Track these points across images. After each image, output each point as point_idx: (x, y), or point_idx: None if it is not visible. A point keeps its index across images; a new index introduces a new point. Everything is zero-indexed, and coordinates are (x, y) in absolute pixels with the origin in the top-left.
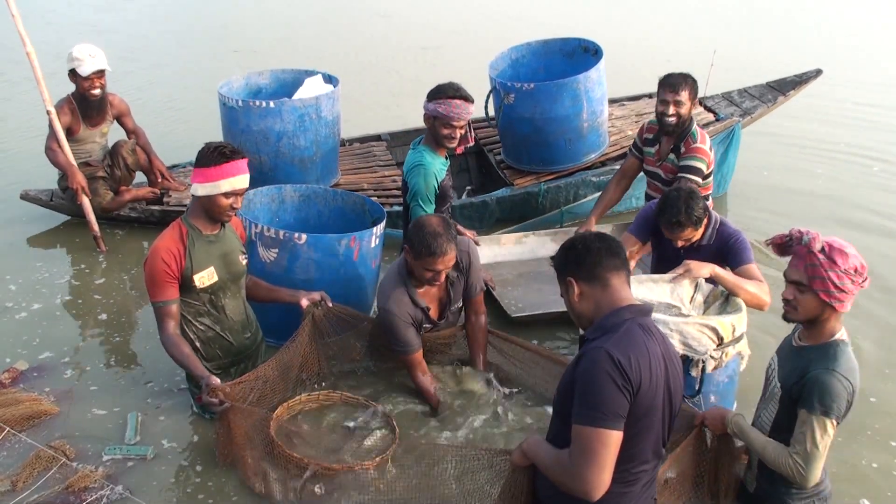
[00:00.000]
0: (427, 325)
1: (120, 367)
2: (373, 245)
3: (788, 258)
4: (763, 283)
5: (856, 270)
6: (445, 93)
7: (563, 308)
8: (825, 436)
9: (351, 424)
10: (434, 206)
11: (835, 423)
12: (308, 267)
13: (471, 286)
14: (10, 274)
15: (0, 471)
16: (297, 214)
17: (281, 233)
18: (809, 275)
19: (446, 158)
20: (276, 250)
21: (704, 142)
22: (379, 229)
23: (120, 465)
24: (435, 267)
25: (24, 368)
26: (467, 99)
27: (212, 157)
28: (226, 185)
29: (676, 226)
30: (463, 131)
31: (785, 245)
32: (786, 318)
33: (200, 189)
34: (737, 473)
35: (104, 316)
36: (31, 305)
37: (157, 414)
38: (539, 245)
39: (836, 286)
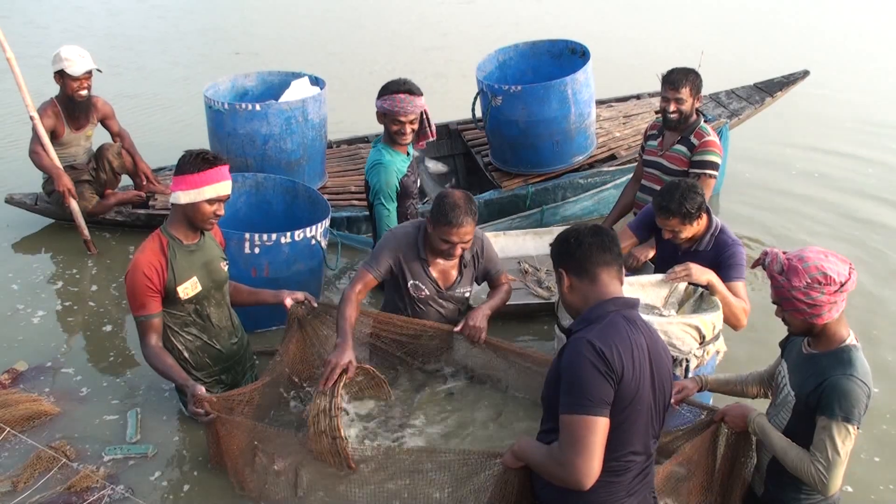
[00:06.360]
0: (425, 293)
1: (119, 367)
2: (246, 251)
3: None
4: (747, 304)
5: (819, 282)
6: (390, 88)
7: (521, 301)
8: (847, 441)
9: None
10: (396, 204)
11: (856, 428)
12: None
13: (489, 271)
14: (4, 278)
15: (1, 471)
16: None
17: None
18: (777, 296)
19: (407, 155)
20: None
21: (715, 135)
22: (255, 237)
23: (121, 464)
24: (450, 237)
25: (24, 369)
26: (412, 92)
27: (194, 163)
28: (210, 191)
29: (664, 211)
30: (414, 126)
31: (761, 266)
32: (791, 333)
33: (183, 196)
34: (745, 476)
35: (100, 319)
36: (28, 309)
37: (158, 413)
38: (514, 244)
39: (804, 303)
